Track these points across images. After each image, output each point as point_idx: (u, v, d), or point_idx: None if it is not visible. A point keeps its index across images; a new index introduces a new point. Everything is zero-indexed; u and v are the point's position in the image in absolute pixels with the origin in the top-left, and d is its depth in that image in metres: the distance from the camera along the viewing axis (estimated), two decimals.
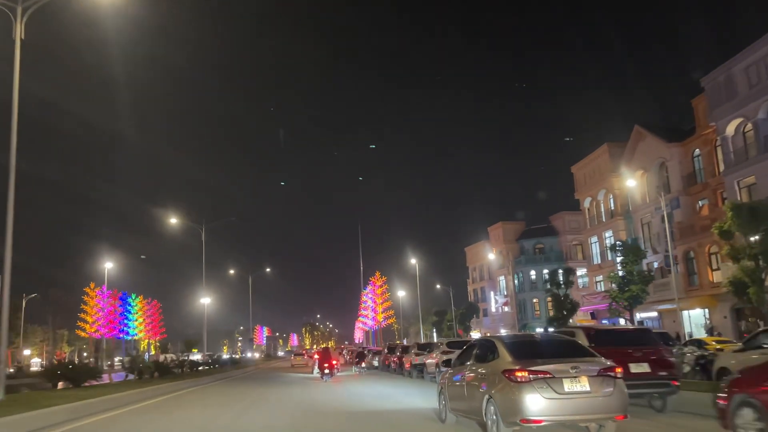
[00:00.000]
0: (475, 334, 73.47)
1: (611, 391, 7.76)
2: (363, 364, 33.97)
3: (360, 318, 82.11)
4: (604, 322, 49.51)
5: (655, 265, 41.61)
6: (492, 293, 79.91)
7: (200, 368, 39.26)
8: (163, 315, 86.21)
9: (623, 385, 8.02)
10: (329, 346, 40.80)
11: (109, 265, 62.71)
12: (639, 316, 44.37)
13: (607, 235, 48.33)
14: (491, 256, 64.57)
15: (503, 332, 75.69)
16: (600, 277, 49.92)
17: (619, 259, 43.81)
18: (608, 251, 47.83)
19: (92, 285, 61.82)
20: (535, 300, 71.00)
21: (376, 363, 38.88)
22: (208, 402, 18.23)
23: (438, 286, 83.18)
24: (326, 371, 25.64)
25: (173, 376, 26.85)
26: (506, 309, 75.91)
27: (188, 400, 18.39)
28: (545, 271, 71.14)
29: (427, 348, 25.43)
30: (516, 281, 73.69)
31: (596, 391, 7.68)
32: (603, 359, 8.29)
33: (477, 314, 78.48)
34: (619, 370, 8.03)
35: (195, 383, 25.92)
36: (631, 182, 37.44)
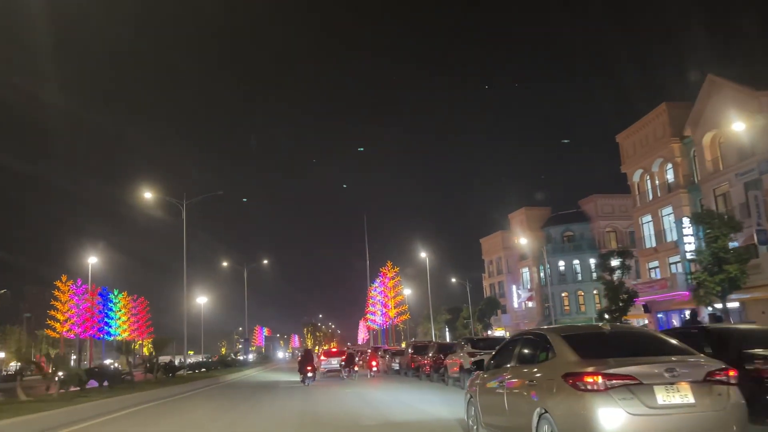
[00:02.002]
0: (499, 333, 66.00)
1: (724, 403, 5.62)
2: (356, 369, 28.43)
3: (367, 315, 74.35)
4: (659, 316, 42.17)
5: (731, 245, 34.18)
6: (514, 287, 72.48)
7: (179, 373, 31.79)
8: (158, 314, 79.09)
9: (739, 394, 5.76)
10: (309, 347, 36.18)
11: (93, 260, 56.32)
12: (709, 308, 36.99)
13: (664, 212, 40.81)
14: (523, 240, 56.81)
15: None
16: (654, 263, 42.37)
17: (687, 238, 36.59)
18: (667, 231, 40.38)
19: (64, 278, 54.26)
20: (564, 294, 63.45)
21: (396, 366, 31.48)
22: None
23: (453, 280, 75.81)
24: (308, 374, 23.99)
25: (123, 388, 19.39)
26: (530, 304, 68.52)
27: None
28: (575, 261, 64.04)
29: (492, 344, 17.55)
30: (542, 273, 66.17)
31: (703, 404, 5.55)
32: (705, 358, 6.23)
33: (497, 310, 71.00)
34: (732, 372, 5.78)
35: (153, 397, 18.50)
36: (739, 125, 29.88)
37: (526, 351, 7.38)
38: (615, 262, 36.76)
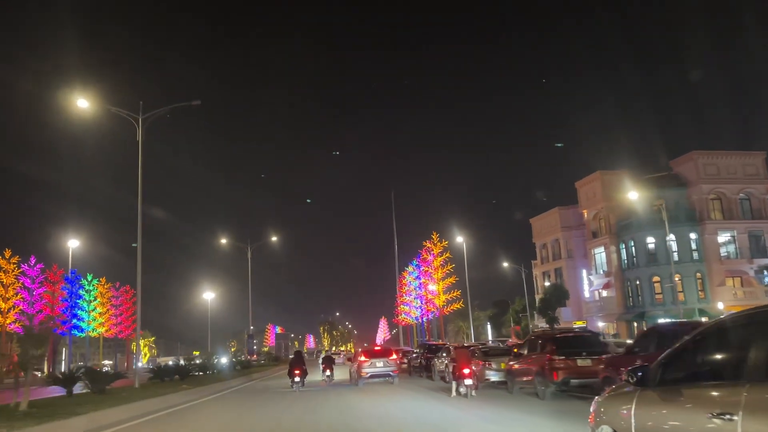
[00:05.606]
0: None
1: None
2: (328, 372, 25.00)
3: (400, 307, 60.62)
4: None
5: None
6: (584, 272, 58.55)
7: (121, 382, 18.70)
8: (158, 314, 66.75)
9: None
10: (300, 350, 28.25)
11: (74, 243, 45.09)
12: None
13: None
14: (633, 194, 42.85)
15: (602, 326, 55.00)
16: None
17: None
18: None
19: (7, 253, 41.27)
20: (655, 279, 49.47)
21: (493, 376, 17.91)
22: None
23: (505, 264, 62.19)
24: (296, 379, 22.14)
25: None
26: (605, 293, 54.59)
27: None
28: (670, 237, 50.22)
29: None
30: (623, 254, 52.34)
31: None
32: None
33: (564, 300, 57.08)
34: None
35: None
36: None
37: None
38: None
